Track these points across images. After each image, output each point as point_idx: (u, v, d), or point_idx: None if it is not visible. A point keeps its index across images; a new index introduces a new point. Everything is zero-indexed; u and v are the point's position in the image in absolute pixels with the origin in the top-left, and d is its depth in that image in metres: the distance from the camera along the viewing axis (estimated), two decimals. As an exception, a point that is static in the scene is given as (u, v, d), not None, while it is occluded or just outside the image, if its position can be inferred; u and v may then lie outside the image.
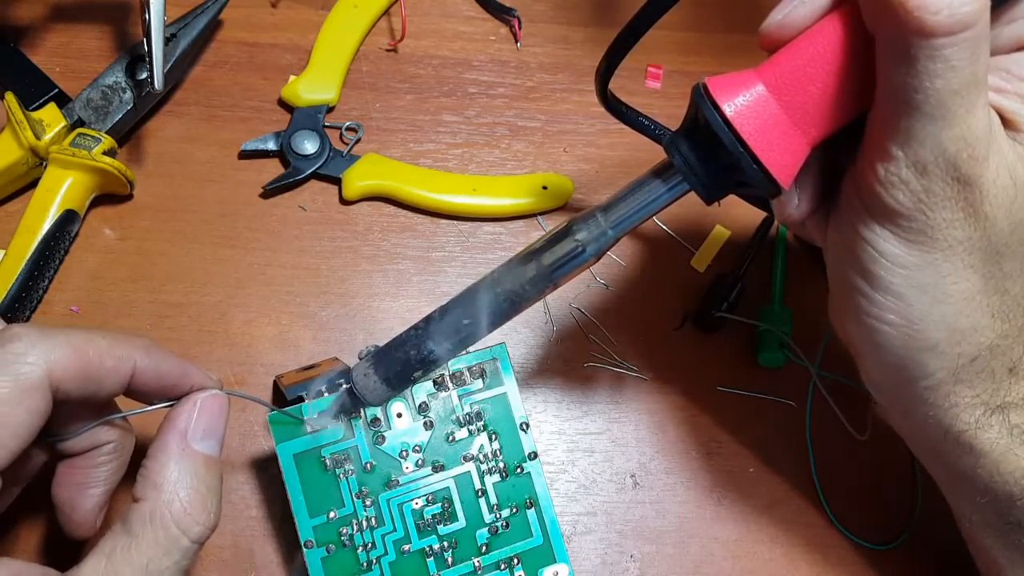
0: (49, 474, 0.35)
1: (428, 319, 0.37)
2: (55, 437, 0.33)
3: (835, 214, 0.33)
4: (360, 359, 0.38)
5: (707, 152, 0.31)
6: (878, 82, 0.28)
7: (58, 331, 0.31)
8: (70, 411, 0.33)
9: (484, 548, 0.39)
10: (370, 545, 0.38)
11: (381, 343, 0.38)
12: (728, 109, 0.29)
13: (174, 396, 0.34)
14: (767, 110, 0.29)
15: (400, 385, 0.38)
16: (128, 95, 0.48)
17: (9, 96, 0.45)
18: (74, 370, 0.30)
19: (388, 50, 0.53)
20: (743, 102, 0.29)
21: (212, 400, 0.33)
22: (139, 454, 0.34)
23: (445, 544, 0.39)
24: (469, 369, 0.40)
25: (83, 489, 0.35)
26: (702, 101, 0.30)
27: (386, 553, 0.38)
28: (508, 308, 0.35)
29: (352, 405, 0.38)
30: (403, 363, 0.37)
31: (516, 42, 0.54)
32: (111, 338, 0.32)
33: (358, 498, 0.38)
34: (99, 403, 0.34)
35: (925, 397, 0.34)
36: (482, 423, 0.40)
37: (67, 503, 0.35)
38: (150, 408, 0.34)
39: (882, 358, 0.34)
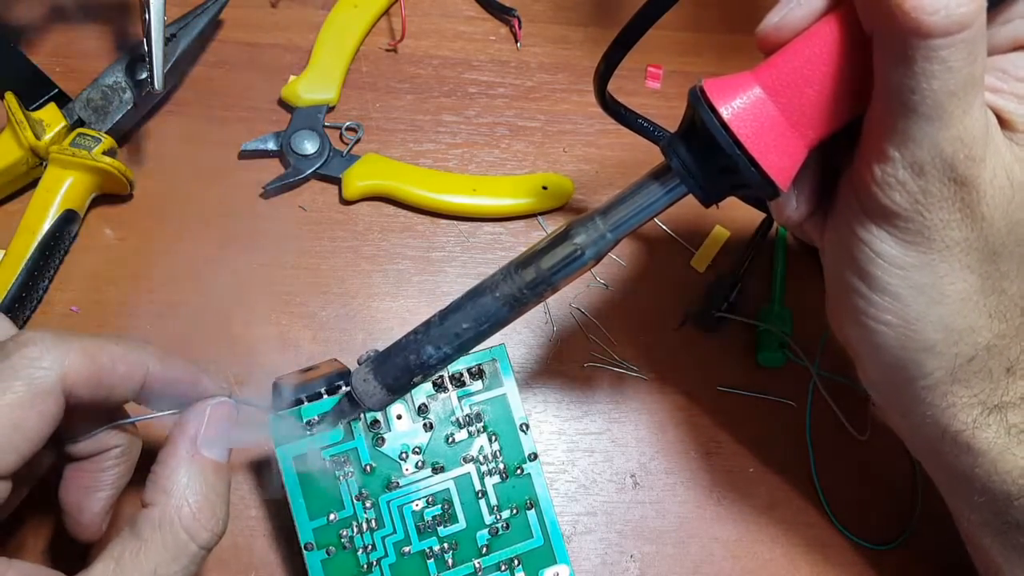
0: (56, 477, 0.36)
1: (427, 324, 0.36)
2: (65, 440, 0.33)
3: (832, 215, 0.33)
4: (359, 364, 0.38)
5: (704, 155, 0.30)
6: (875, 83, 0.28)
7: (72, 337, 0.31)
8: (80, 415, 0.33)
9: (484, 549, 0.40)
10: (370, 547, 0.38)
11: (381, 345, 0.38)
12: (725, 112, 0.29)
13: (184, 403, 0.34)
14: (764, 112, 0.29)
15: (400, 390, 0.38)
16: (128, 95, 0.48)
17: (9, 96, 0.45)
18: (87, 375, 0.30)
19: (388, 50, 0.53)
20: (740, 104, 0.29)
21: (221, 407, 0.34)
22: (146, 459, 0.35)
23: (445, 546, 0.39)
24: (469, 370, 0.40)
25: (90, 492, 0.35)
26: (699, 104, 0.30)
27: (386, 555, 0.39)
28: (508, 312, 0.35)
29: (352, 410, 0.38)
30: (403, 368, 0.36)
31: (516, 42, 0.54)
32: (124, 344, 0.32)
33: (358, 500, 0.38)
34: (110, 408, 0.34)
35: (923, 397, 0.34)
36: (482, 424, 0.40)
37: (74, 506, 0.35)
38: (160, 414, 0.34)
39: (880, 358, 0.34)
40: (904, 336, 0.32)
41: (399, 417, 0.39)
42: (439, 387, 0.40)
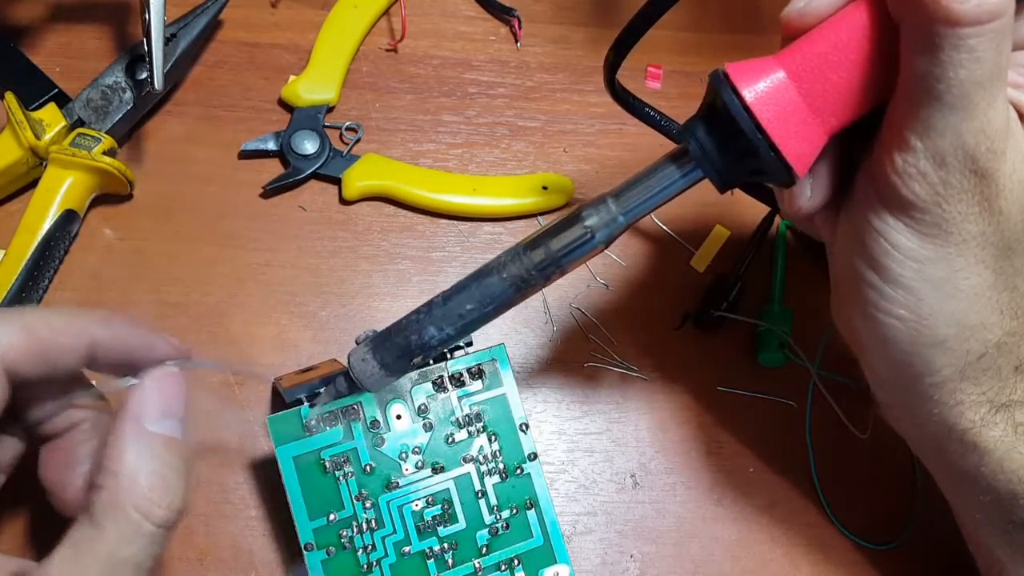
0: (33, 460, 0.35)
1: (430, 304, 0.35)
2: (26, 418, 0.33)
3: (847, 206, 0.33)
4: (357, 343, 0.37)
5: (723, 138, 0.30)
6: (901, 71, 0.28)
7: (8, 312, 0.30)
8: (34, 391, 0.32)
9: (484, 549, 0.39)
10: (370, 547, 0.38)
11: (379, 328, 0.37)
12: (748, 95, 0.29)
13: (145, 367, 0.33)
14: (787, 97, 0.29)
15: (399, 371, 0.37)
16: (128, 95, 0.48)
17: (9, 96, 0.45)
18: (27, 351, 0.30)
19: (388, 50, 0.53)
20: (763, 88, 0.29)
21: (167, 378, 0.32)
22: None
23: (445, 546, 0.39)
24: (468, 370, 0.40)
25: (70, 468, 0.35)
26: (721, 86, 0.29)
27: (386, 555, 0.38)
28: (513, 294, 0.34)
29: (348, 390, 0.38)
30: (403, 348, 0.36)
31: (516, 42, 0.54)
32: (66, 314, 0.31)
33: (358, 500, 0.38)
34: (63, 380, 0.33)
35: (930, 394, 0.33)
36: (482, 424, 0.40)
37: (56, 484, 0.35)
38: (121, 385, 0.33)
39: (888, 353, 0.33)
40: (915, 331, 0.32)
41: (399, 417, 0.39)
42: (439, 387, 0.40)
